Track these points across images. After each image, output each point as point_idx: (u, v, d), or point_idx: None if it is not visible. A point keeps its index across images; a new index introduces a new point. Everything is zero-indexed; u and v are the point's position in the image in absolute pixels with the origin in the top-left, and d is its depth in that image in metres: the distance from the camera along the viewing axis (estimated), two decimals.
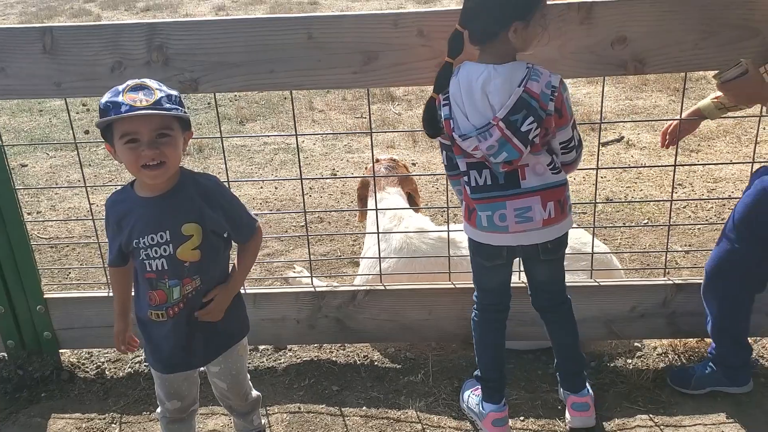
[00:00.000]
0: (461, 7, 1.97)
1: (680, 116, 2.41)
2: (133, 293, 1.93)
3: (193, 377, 2.04)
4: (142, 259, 1.80)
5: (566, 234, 2.15)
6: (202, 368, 2.05)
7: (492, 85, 1.91)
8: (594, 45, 2.14)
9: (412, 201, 3.22)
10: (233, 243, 1.95)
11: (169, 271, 1.81)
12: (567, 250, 2.64)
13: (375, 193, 2.91)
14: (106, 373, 2.73)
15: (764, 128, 4.92)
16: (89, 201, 2.67)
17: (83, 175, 2.70)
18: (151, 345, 1.93)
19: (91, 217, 2.61)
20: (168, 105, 1.69)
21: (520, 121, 1.89)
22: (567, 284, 2.54)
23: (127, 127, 1.67)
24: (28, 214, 4.28)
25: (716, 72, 2.07)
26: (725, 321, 2.35)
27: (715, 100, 2.33)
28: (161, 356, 1.93)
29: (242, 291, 2.58)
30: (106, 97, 1.69)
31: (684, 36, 2.10)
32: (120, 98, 1.66)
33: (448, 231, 2.61)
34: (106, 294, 2.60)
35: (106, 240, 1.89)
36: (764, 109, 2.22)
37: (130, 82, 1.71)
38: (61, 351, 2.76)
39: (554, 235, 2.09)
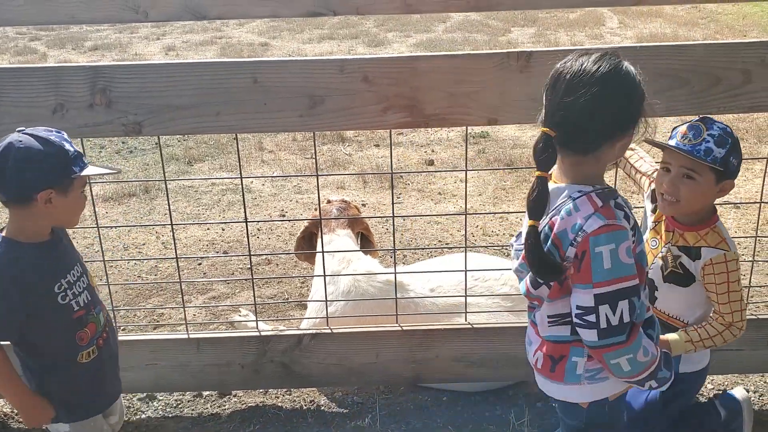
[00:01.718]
0: (549, 104, 1.59)
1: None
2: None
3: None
4: (67, 301, 1.80)
5: (580, 410, 1.71)
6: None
7: None
8: (534, 92, 2.19)
9: (366, 240, 3.22)
10: None
11: (92, 300, 1.88)
12: (511, 291, 2.70)
13: (322, 235, 2.91)
14: None
15: None
16: None
17: None
18: (83, 395, 1.90)
19: None
20: None
21: None
22: (513, 326, 2.56)
23: (84, 179, 1.80)
24: None
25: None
26: None
27: None
28: (97, 395, 1.94)
29: (186, 336, 2.55)
30: (66, 144, 1.75)
31: None
32: (74, 149, 1.76)
33: (395, 273, 2.62)
34: None
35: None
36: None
37: (62, 134, 1.78)
38: None
39: (545, 388, 1.76)
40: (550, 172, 1.57)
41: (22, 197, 1.72)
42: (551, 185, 1.58)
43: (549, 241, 1.55)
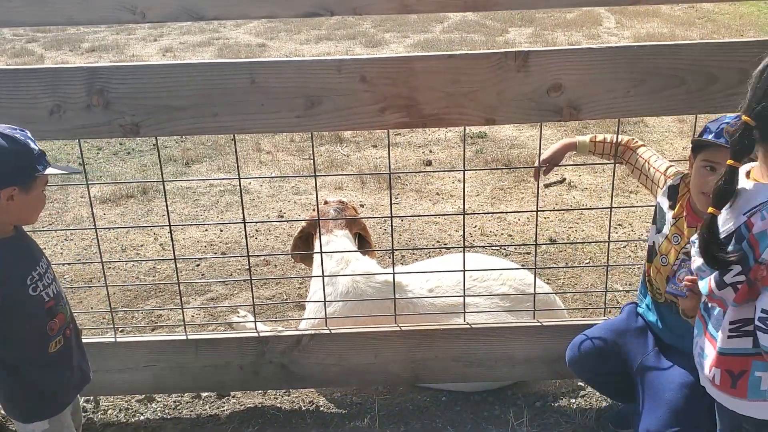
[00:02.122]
0: (754, 94, 1.59)
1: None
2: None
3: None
4: (38, 292, 1.82)
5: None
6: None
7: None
8: (531, 92, 2.21)
9: (363, 241, 3.22)
10: None
11: (59, 291, 1.91)
12: (510, 291, 2.70)
13: (320, 235, 2.91)
14: None
15: None
16: None
17: None
18: (57, 386, 1.91)
19: None
20: None
21: None
22: (511, 326, 2.57)
23: (46, 178, 1.81)
24: None
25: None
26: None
27: (592, 140, 2.41)
28: (69, 383, 1.94)
29: (184, 337, 2.54)
30: (31, 143, 1.75)
31: (615, 84, 2.18)
32: (38, 147, 1.76)
33: (393, 273, 2.62)
34: None
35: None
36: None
37: (26, 132, 1.77)
38: None
39: (724, 401, 1.63)
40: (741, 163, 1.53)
41: None
42: (752, 183, 1.53)
43: (745, 241, 1.48)
